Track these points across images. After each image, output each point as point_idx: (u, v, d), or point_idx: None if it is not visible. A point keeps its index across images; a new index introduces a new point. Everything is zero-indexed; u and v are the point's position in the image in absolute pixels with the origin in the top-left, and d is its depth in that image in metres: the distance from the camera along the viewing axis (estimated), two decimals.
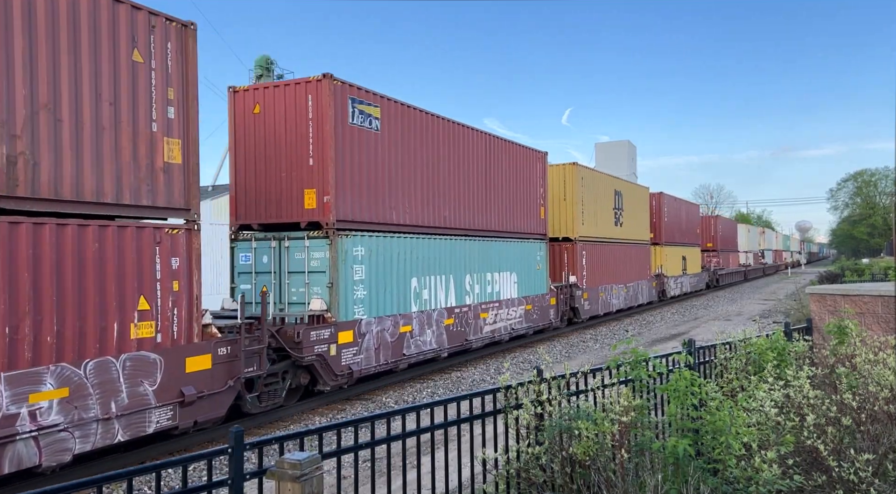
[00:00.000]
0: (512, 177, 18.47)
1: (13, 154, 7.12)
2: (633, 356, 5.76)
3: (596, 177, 24.95)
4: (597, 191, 24.39)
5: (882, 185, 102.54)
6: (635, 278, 28.25)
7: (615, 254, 25.98)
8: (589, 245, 23.35)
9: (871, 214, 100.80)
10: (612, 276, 25.46)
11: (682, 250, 36.19)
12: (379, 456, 7.76)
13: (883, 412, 5.84)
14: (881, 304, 9.67)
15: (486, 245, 17.00)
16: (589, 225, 23.40)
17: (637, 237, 28.81)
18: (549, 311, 20.33)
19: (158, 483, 3.77)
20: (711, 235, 46.90)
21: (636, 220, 28.95)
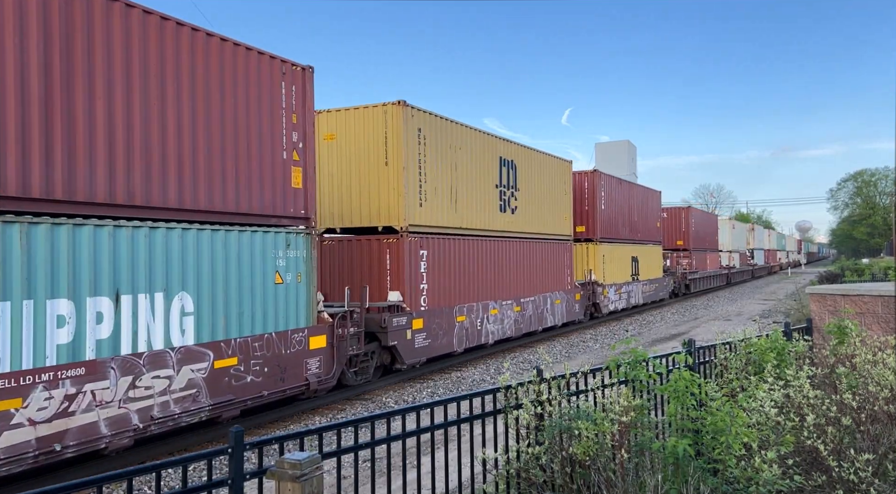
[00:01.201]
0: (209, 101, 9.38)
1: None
2: (632, 357, 5.76)
3: (455, 131, 15.60)
4: (457, 155, 15.73)
5: (882, 185, 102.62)
6: (541, 289, 19.74)
7: (498, 254, 17.44)
8: (437, 240, 14.79)
9: (871, 214, 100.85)
10: (490, 288, 16.92)
11: (634, 248, 28.18)
12: (379, 456, 7.76)
13: (883, 412, 5.85)
14: (881, 304, 9.67)
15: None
16: (437, 207, 14.84)
17: (546, 231, 20.38)
18: (300, 369, 10.66)
19: (158, 483, 3.77)
20: (682, 230, 39.46)
21: (546, 206, 20.44)
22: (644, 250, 29.85)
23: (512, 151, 18.70)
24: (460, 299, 15.75)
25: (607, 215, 25.55)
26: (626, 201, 27.75)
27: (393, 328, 13.14)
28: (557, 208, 21.34)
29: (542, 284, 19.93)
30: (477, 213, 16.69)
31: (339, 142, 14.54)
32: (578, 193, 24.30)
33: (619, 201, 26.97)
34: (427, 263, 14.47)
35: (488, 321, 16.86)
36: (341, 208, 14.63)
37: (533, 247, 19.47)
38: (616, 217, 26.50)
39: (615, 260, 26.08)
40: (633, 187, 29.49)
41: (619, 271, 26.42)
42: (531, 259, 19.36)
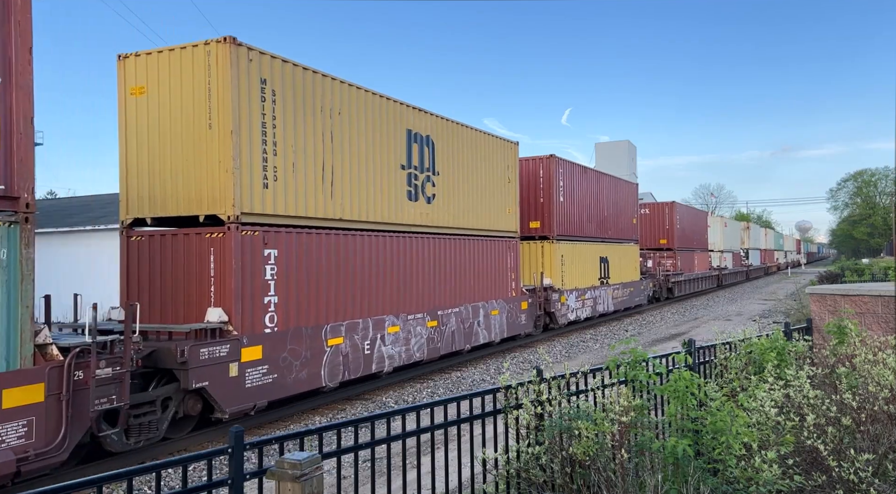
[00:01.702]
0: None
1: None
2: (632, 357, 5.76)
3: (330, 89, 11.91)
4: (336, 122, 11.96)
5: (882, 185, 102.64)
6: (471, 298, 16.04)
7: (405, 254, 13.70)
8: (295, 235, 11.06)
9: (871, 214, 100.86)
10: (390, 299, 13.25)
11: (603, 248, 24.69)
12: (379, 456, 7.76)
13: (883, 412, 5.84)
14: (881, 304, 9.67)
15: None
16: (297, 190, 11.14)
17: (480, 226, 16.65)
18: None
19: (158, 483, 3.77)
20: (666, 228, 35.63)
21: (480, 196, 16.70)
22: (616, 250, 26.26)
23: (427, 124, 14.43)
24: (336, 315, 11.69)
25: (568, 209, 21.80)
26: (592, 194, 24.05)
27: (200, 363, 9.04)
28: (497, 199, 17.45)
29: (473, 291, 16.11)
30: (370, 201, 12.61)
31: (151, 97, 10.51)
32: (531, 182, 20.74)
33: (584, 193, 23.31)
34: (278, 266, 10.50)
35: (384, 342, 12.80)
36: (155, 189, 10.50)
37: (459, 246, 15.65)
38: (579, 212, 22.82)
39: (578, 261, 22.36)
40: (603, 177, 25.47)
41: (582, 273, 22.69)
42: (456, 261, 15.48)
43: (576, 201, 22.64)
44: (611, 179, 26.66)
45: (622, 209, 27.34)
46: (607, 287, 25.01)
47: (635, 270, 28.71)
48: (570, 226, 22.06)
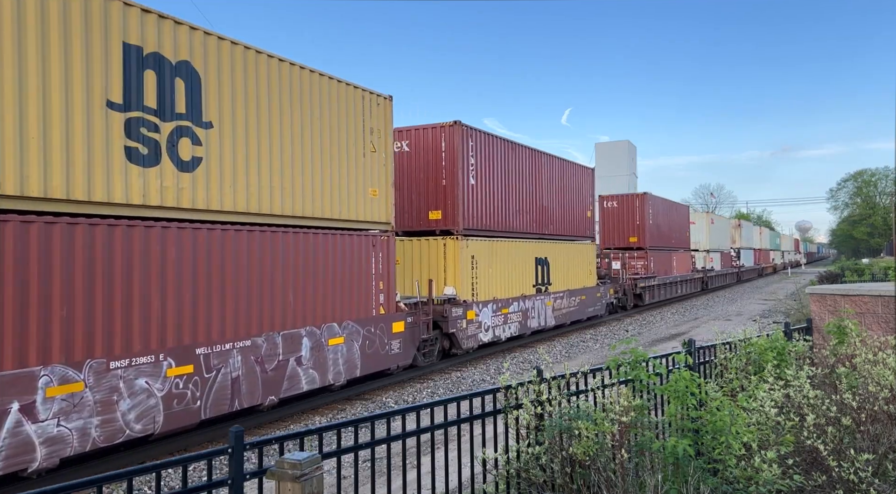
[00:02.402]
0: None
1: None
2: (632, 357, 5.76)
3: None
4: None
5: (882, 185, 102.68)
6: (296, 320, 10.95)
7: (115, 256, 8.18)
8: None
9: (871, 214, 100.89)
10: (70, 338, 7.57)
11: (540, 247, 19.78)
12: (379, 456, 7.76)
13: (883, 412, 5.85)
14: (881, 304, 9.67)
15: None
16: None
17: (315, 212, 11.48)
18: None
19: (158, 483, 3.77)
20: (636, 224, 30.30)
21: (312, 166, 11.43)
22: (562, 250, 21.39)
23: (182, 42, 9.14)
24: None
25: (482, 196, 16.81)
26: (523, 177, 19.00)
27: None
28: (351, 175, 12.12)
29: (294, 312, 10.80)
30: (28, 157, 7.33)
31: None
32: (429, 158, 15.94)
33: (510, 176, 18.17)
34: None
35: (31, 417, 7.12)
36: None
37: (258, 242, 10.18)
38: (502, 199, 17.78)
39: (499, 264, 17.47)
40: (541, 156, 20.10)
41: (506, 280, 17.82)
42: (253, 264, 10.09)
43: (496, 185, 17.46)
44: (554, 160, 21.13)
45: (572, 199, 22.26)
46: (545, 296, 19.85)
47: (590, 274, 23.81)
48: (486, 218, 16.95)
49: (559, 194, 21.53)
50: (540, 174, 20.18)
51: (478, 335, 16.31)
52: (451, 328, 15.15)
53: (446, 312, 15.00)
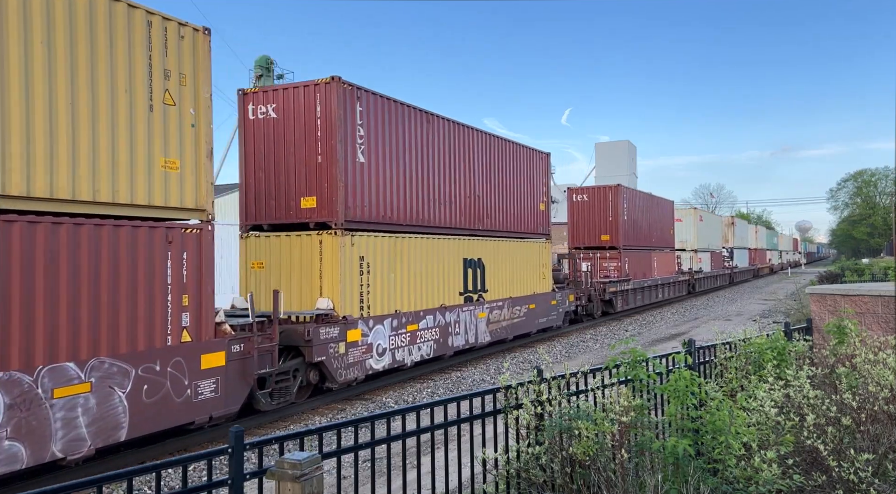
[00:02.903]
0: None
1: None
2: (632, 357, 5.76)
3: None
4: None
5: (882, 185, 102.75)
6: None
7: None
8: None
9: (871, 214, 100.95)
10: None
11: (471, 246, 16.20)
12: (379, 456, 7.77)
13: (883, 412, 5.85)
14: (881, 304, 9.67)
15: None
16: None
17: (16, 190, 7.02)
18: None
19: (158, 483, 3.77)
20: (609, 220, 26.81)
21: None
22: (503, 250, 17.79)
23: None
24: None
25: (379, 179, 13.00)
26: (447, 158, 15.25)
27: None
28: (114, 132, 8.07)
29: None
30: None
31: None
32: (302, 128, 12.21)
33: (424, 156, 14.43)
34: None
35: None
36: None
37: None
38: (411, 185, 13.99)
39: (408, 267, 13.78)
40: (473, 134, 16.47)
41: (418, 287, 14.09)
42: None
43: (400, 166, 13.61)
44: (492, 140, 17.46)
45: (518, 188, 18.81)
46: (477, 307, 16.24)
47: (543, 278, 20.18)
48: (384, 208, 13.17)
49: (501, 182, 17.82)
50: (470, 156, 16.34)
51: (366, 361, 12.24)
52: (318, 355, 11.05)
53: (309, 334, 10.91)
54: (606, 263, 26.85)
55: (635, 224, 28.63)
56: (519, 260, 18.78)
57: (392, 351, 13.11)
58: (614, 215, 26.88)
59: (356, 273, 12.32)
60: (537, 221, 20.10)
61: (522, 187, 19.20)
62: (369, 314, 12.60)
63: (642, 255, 29.35)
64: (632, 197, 28.66)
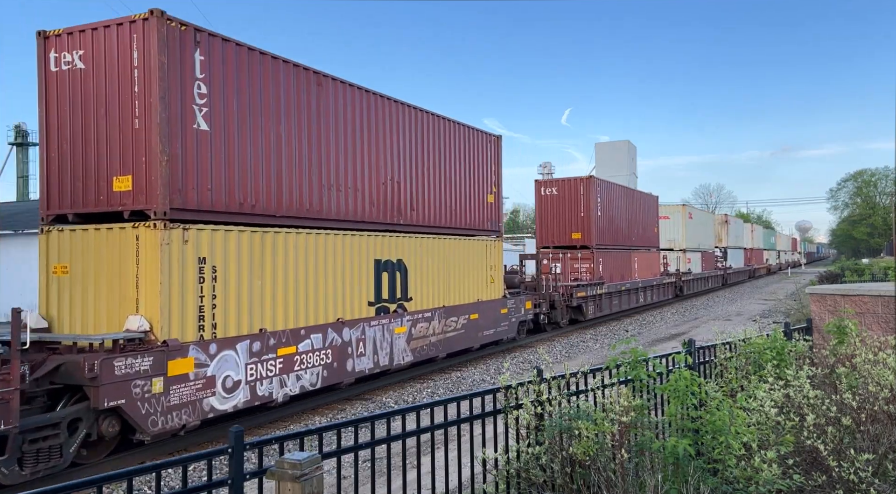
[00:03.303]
0: None
1: None
2: (632, 356, 5.77)
3: None
4: None
5: (882, 185, 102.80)
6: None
7: None
8: None
9: (871, 214, 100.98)
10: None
11: (387, 244, 13.48)
12: (379, 456, 7.77)
13: (883, 412, 5.85)
14: (881, 304, 9.67)
15: None
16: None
17: None
18: None
19: (158, 483, 3.77)
20: (581, 216, 24.05)
21: None
22: (434, 249, 14.97)
23: None
24: None
25: (228, 150, 9.81)
26: (346, 129, 12.17)
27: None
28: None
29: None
30: None
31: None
32: (115, 81, 9.14)
33: (310, 124, 11.35)
34: None
35: None
36: None
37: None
38: (284, 160, 10.80)
39: (287, 271, 10.87)
40: (393, 106, 13.64)
41: (303, 296, 11.15)
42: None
43: (268, 138, 10.48)
44: (420, 115, 14.54)
45: (457, 175, 15.92)
46: (395, 319, 13.31)
47: (491, 282, 17.26)
48: (241, 191, 10.02)
49: (433, 168, 14.92)
50: (388, 134, 13.41)
51: (203, 401, 9.09)
52: (111, 398, 7.94)
53: (94, 368, 7.76)
54: (578, 264, 24.32)
55: (612, 221, 26.17)
56: (457, 261, 15.64)
57: (251, 384, 9.86)
58: (586, 211, 24.27)
59: (192, 280, 9.16)
60: (484, 215, 17.12)
61: (465, 175, 16.26)
62: (213, 335, 9.37)
63: (620, 255, 26.88)
64: (608, 191, 25.94)
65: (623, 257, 27.25)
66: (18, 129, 54.65)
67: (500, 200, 18.15)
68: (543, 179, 25.76)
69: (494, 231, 17.74)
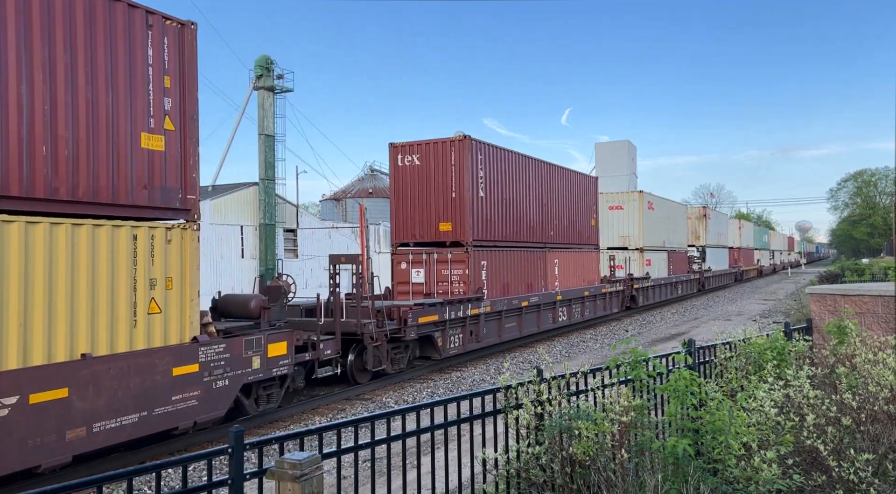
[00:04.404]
0: None
1: None
2: (632, 356, 5.76)
3: None
4: None
5: (882, 185, 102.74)
6: None
7: None
8: None
9: (871, 214, 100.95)
10: None
11: None
12: (379, 456, 7.76)
13: (883, 412, 5.84)
14: (881, 304, 9.67)
15: None
16: None
17: None
18: None
19: (158, 483, 3.77)
20: (451, 196, 16.30)
21: None
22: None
23: None
24: None
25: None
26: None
27: None
28: None
29: None
30: None
31: None
32: None
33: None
34: None
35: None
36: None
37: None
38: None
39: None
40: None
41: None
42: None
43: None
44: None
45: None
46: None
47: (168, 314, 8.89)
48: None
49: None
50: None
51: None
52: None
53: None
54: (447, 269, 16.12)
55: (507, 206, 17.89)
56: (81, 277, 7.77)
57: None
58: (460, 190, 16.04)
59: None
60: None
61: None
62: None
63: (523, 257, 18.57)
64: (497, 161, 17.37)
65: (528, 259, 18.89)
66: None
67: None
68: (401, 143, 16.93)
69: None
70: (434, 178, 16.53)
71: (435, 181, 16.54)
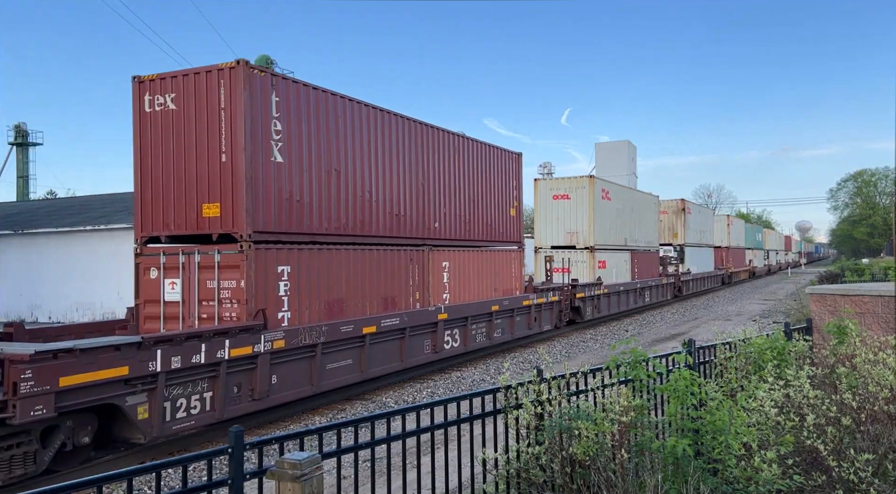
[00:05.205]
0: None
1: None
2: (632, 356, 5.76)
3: None
4: None
5: (882, 185, 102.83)
6: None
7: None
8: None
9: (871, 214, 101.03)
10: None
11: None
12: (379, 456, 7.76)
13: (883, 412, 5.85)
14: (881, 304, 9.67)
15: None
16: None
17: None
18: None
19: (158, 483, 3.77)
20: (220, 162, 10.00)
21: None
22: None
23: None
24: None
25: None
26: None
27: None
28: None
29: None
30: None
31: None
32: None
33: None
34: None
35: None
36: None
37: None
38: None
39: None
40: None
41: None
42: None
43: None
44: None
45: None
46: None
47: None
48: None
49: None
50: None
51: None
52: None
53: None
54: (213, 280, 10.15)
55: (341, 182, 11.96)
56: None
57: None
58: (231, 150, 10.10)
59: None
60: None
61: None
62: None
63: (376, 258, 12.76)
64: (313, 108, 11.35)
65: (388, 261, 13.17)
66: (18, 129, 54.68)
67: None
68: (149, 76, 10.73)
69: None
70: (197, 132, 10.37)
71: (198, 137, 10.36)
